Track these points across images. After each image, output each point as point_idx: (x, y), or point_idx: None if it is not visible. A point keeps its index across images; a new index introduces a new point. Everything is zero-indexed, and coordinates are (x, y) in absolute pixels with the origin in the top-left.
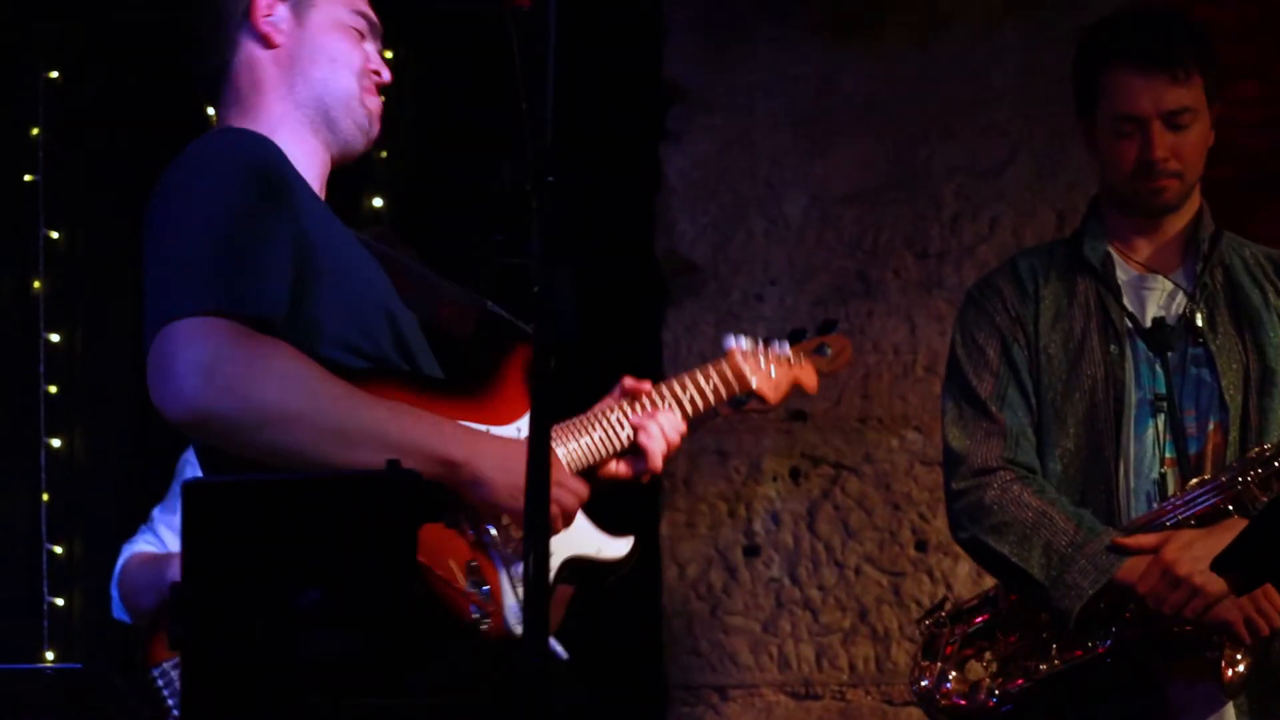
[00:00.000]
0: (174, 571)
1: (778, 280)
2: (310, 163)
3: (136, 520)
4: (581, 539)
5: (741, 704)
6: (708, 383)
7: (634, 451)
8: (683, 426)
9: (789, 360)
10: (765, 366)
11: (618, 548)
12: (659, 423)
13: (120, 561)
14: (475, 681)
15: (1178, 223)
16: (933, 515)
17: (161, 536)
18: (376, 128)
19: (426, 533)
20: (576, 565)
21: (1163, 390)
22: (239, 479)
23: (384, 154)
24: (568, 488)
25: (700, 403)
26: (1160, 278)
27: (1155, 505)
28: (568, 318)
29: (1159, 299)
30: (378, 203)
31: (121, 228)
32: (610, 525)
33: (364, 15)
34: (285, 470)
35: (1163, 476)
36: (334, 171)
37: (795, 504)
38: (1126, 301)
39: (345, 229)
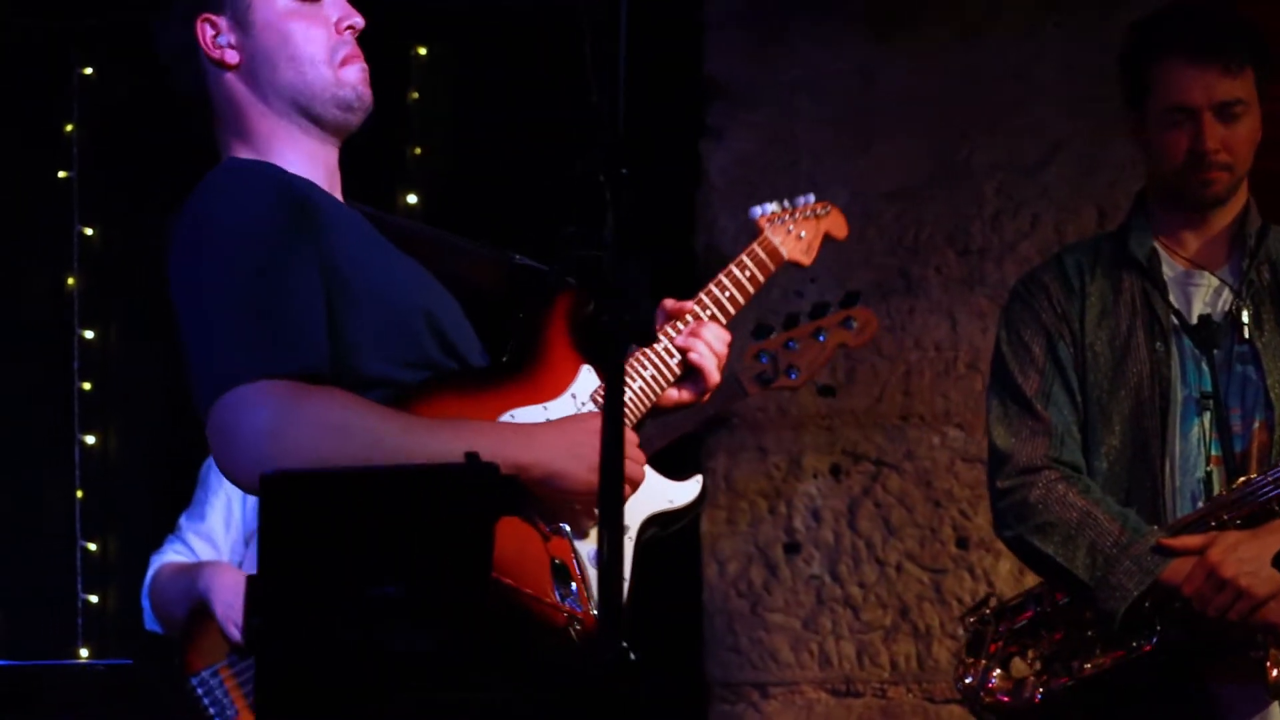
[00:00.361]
0: (205, 581)
1: (818, 277)
2: (313, 165)
3: (170, 518)
4: (654, 495)
5: (782, 701)
6: (744, 273)
7: (689, 373)
8: (727, 335)
9: (815, 214)
10: (794, 230)
11: (688, 492)
12: (704, 339)
13: (150, 573)
14: (550, 676)
15: (1225, 217)
16: (974, 512)
17: (191, 545)
18: (367, 93)
19: (507, 550)
20: (655, 520)
21: (1209, 388)
22: (317, 471)
23: (418, 150)
24: (631, 457)
25: (741, 297)
26: (1206, 274)
27: (1201, 504)
28: (644, 312)
29: (1205, 295)
30: (412, 199)
31: (156, 225)
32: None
33: None
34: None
35: (1208, 475)
36: (365, 167)
37: (836, 501)
38: (1172, 298)
39: (363, 225)
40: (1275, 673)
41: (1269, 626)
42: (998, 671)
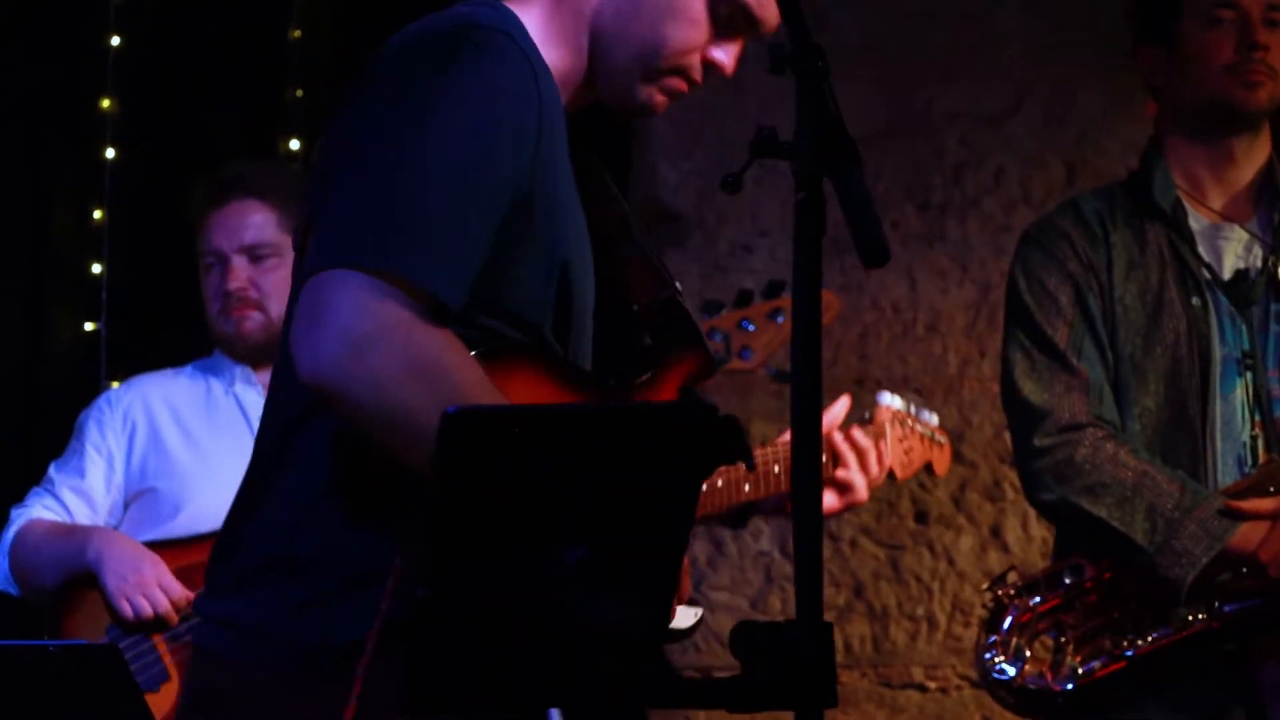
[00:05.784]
0: (95, 549)
1: (769, 231)
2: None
3: (32, 473)
4: None
5: None
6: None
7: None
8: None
9: (931, 437)
10: (905, 441)
11: (685, 618)
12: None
13: (12, 529)
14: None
15: (1249, 169)
16: (933, 485)
17: (65, 501)
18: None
19: None
20: None
21: (1248, 347)
22: (506, 408)
23: (299, 93)
24: None
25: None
26: (1236, 227)
27: (1249, 470)
28: (873, 229)
29: (1236, 250)
30: (294, 145)
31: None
32: None
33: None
34: None
35: (1254, 439)
36: (244, 111)
37: None
38: (1201, 251)
39: (569, 173)
40: None
41: None
42: (1027, 653)
